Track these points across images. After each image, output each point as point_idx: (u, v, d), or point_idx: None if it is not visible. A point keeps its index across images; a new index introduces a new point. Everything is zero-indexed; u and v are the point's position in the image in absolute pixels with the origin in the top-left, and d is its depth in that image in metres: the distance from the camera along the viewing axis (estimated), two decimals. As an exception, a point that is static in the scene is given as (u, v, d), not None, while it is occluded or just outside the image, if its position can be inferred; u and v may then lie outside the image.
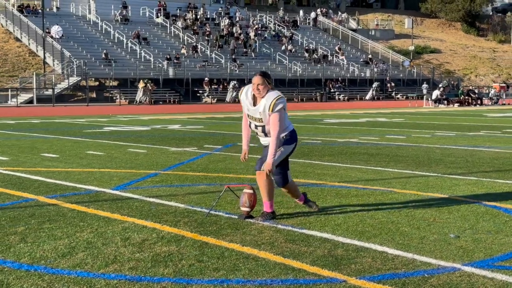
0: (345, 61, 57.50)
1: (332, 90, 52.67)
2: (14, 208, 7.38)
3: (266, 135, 6.83)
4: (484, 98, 45.69)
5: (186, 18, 58.45)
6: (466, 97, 43.44)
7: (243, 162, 7.73)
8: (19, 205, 7.60)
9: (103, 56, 47.05)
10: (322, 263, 5.19)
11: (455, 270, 5.04)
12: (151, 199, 7.92)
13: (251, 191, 6.84)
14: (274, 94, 6.59)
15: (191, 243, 5.81)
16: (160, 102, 44.39)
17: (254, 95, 6.72)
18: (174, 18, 57.65)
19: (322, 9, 70.24)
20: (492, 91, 48.89)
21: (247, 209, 6.82)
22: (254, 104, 6.73)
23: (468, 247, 5.70)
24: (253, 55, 54.75)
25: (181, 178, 9.76)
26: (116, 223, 6.62)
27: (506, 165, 11.24)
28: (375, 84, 53.48)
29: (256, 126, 6.85)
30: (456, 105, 41.78)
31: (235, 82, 47.40)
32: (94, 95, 44.99)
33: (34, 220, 6.73)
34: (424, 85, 52.13)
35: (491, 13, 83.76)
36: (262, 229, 6.33)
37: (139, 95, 43.70)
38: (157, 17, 57.51)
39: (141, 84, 43.61)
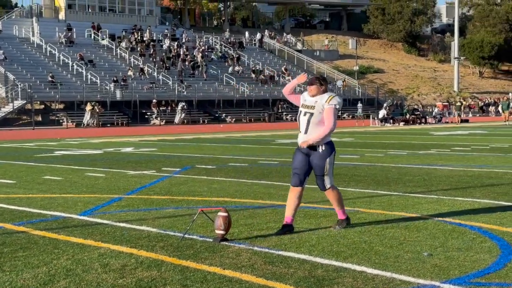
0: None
1: (280, 110, 53.10)
2: (-18, 237, 7.26)
3: (307, 129, 7.25)
4: (428, 117, 46.75)
5: (132, 39, 58.22)
6: (411, 116, 44.38)
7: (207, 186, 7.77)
8: (-13, 233, 7.47)
9: (49, 78, 46.43)
10: (306, 284, 5.27)
11: None
12: (122, 224, 7.89)
13: (225, 214, 6.89)
14: (331, 93, 7.40)
15: (172, 268, 5.83)
16: (108, 125, 44.00)
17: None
18: (119, 40, 57.35)
19: (270, 32, 70.79)
20: (436, 110, 50.08)
21: (222, 232, 6.87)
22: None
23: (443, 264, 5.87)
24: (200, 76, 54.84)
25: (147, 202, 9.74)
26: (91, 249, 6.58)
27: (462, 182, 11.57)
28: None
29: (305, 113, 7.30)
30: (401, 123, 42.62)
31: (184, 103, 47.37)
32: (39, 118, 44.29)
33: (7, 249, 6.64)
34: (359, 105, 53.04)
35: (430, 34, 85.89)
36: (240, 252, 6.39)
37: (87, 118, 43.25)
38: (102, 39, 57.11)
39: (88, 107, 43.18)
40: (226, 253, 6.36)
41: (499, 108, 47.42)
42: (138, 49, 56.36)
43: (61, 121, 43.70)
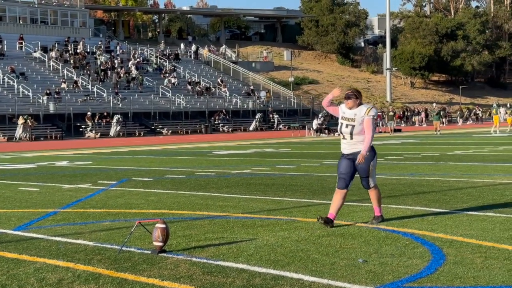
0: (228, 93, 58.29)
1: (216, 122, 53.17)
2: None
3: (351, 137, 8.21)
4: (362, 127, 47.46)
5: (65, 52, 57.37)
6: (346, 126, 45.01)
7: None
8: None
9: (-21, 92, 45.32)
10: (244, 293, 5.33)
11: (369, 293, 5.33)
12: (57, 238, 7.80)
13: (163, 225, 6.89)
14: (368, 104, 8.37)
15: (110, 280, 5.80)
16: (41, 138, 43.19)
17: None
18: (52, 52, 56.43)
19: (209, 47, 70.66)
20: (369, 120, 50.91)
21: (160, 244, 6.87)
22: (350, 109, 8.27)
23: (377, 270, 6.02)
24: (136, 89, 54.44)
25: (83, 215, 9.64)
26: (26, 264, 6.49)
27: (395, 190, 11.85)
28: (258, 115, 54.46)
29: (346, 125, 8.26)
30: (336, 134, 43.21)
31: (119, 116, 46.91)
32: (-31, 132, 43.15)
33: None
34: (276, 116, 53.76)
35: (363, 45, 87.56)
36: (178, 263, 6.41)
37: (19, 131, 42.36)
38: (35, 51, 56.10)
39: (20, 120, 42.31)
40: (164, 264, 6.37)
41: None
42: (72, 61, 55.58)
43: (-8, 135, 42.67)
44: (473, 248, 6.83)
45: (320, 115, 47.11)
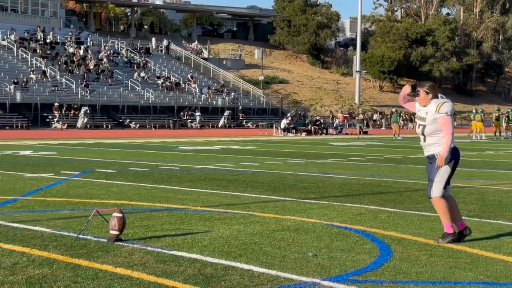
0: (197, 89, 58.31)
1: (185, 118, 53.16)
2: None
3: (425, 138, 7.34)
4: (329, 128, 47.96)
5: (34, 41, 56.86)
6: (313, 127, 45.43)
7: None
8: None
9: None
10: (194, 281, 5.50)
11: (315, 285, 5.53)
12: (15, 224, 7.88)
13: (120, 214, 7.02)
14: (440, 99, 7.31)
15: (64, 266, 5.92)
16: (7, 128, 42.79)
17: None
18: (21, 41, 55.90)
19: (190, 46, 70.28)
20: (336, 121, 51.45)
21: (116, 233, 7.00)
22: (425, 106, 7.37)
23: (325, 264, 6.23)
24: (105, 81, 54.18)
25: (43, 203, 9.71)
26: (-18, 248, 6.57)
27: (353, 190, 12.10)
28: (226, 112, 54.58)
29: (419, 125, 7.38)
30: (303, 134, 43.56)
31: (87, 108, 46.67)
32: None
33: None
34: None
35: (334, 47, 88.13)
36: (133, 251, 6.54)
37: (-16, 119, 41.92)
38: (3, 39, 55.52)
39: (-14, 108, 41.87)
40: (119, 252, 6.50)
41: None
42: (41, 51, 55.09)
43: (-44, 122, 42.19)
44: (420, 246, 7.07)
45: (288, 115, 47.40)
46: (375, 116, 65.80)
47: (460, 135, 39.81)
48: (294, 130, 43.60)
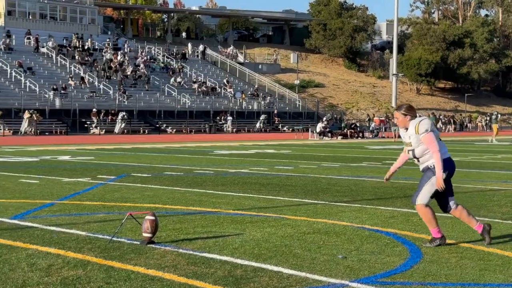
0: (233, 93, 58.57)
1: (221, 122, 53.43)
2: None
3: (418, 159, 7.28)
4: (365, 131, 47.76)
5: (73, 48, 57.75)
6: (349, 130, 45.30)
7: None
8: None
9: (-14, 85, 45.73)
10: (223, 283, 5.59)
11: (343, 286, 5.58)
12: (52, 228, 8.06)
13: (152, 217, 7.15)
14: (417, 119, 7.23)
15: (97, 267, 6.06)
16: (46, 133, 43.53)
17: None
18: (60, 48, 56.83)
19: (226, 51, 70.68)
20: (372, 125, 51.20)
21: (149, 235, 7.13)
22: (407, 129, 7.31)
23: (354, 266, 6.27)
24: (142, 87, 54.77)
25: (79, 207, 9.91)
26: (19, 250, 6.75)
27: (386, 193, 12.08)
28: (262, 117, 54.73)
29: (408, 151, 7.34)
30: (339, 137, 43.46)
31: (124, 113, 47.23)
32: (-25, 125, 43.51)
33: None
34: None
35: (370, 50, 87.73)
36: (165, 254, 6.66)
37: (24, 125, 42.71)
38: (43, 46, 56.51)
39: (26, 115, 42.67)
40: (151, 254, 6.63)
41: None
42: (79, 57, 55.94)
43: (-2, 128, 43.03)
44: (451, 249, 7.06)
45: (324, 119, 47.32)
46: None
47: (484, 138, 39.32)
48: (329, 134, 43.51)
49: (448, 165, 7.21)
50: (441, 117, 65.68)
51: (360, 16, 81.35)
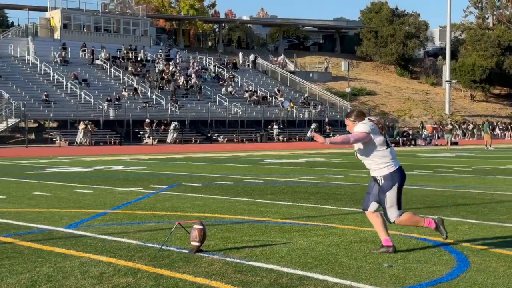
0: (281, 102, 58.66)
1: (272, 131, 53.60)
2: (-29, 246, 7.65)
3: (364, 162, 7.37)
4: (417, 139, 47.26)
5: (126, 59, 58.79)
6: (401, 138, 44.91)
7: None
8: (-25, 243, 7.87)
9: (44, 97, 46.89)
10: (269, 291, 5.69)
11: (389, 295, 5.61)
12: (104, 236, 8.29)
13: (200, 226, 7.30)
14: (361, 122, 7.29)
15: (147, 275, 6.23)
16: (101, 143, 44.39)
17: None
18: (114, 60, 57.92)
19: (276, 60, 71.00)
20: (425, 132, 50.64)
21: (197, 244, 7.28)
22: None
23: (400, 274, 6.29)
24: (194, 97, 55.38)
25: (130, 216, 10.15)
26: (72, 258, 6.98)
27: (436, 202, 12.00)
28: (313, 125, 54.68)
29: (355, 152, 7.43)
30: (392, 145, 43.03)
31: (176, 123, 47.83)
32: (33, 136, 44.68)
33: (-7, 257, 7.03)
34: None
35: (423, 57, 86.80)
36: (212, 262, 6.80)
37: (79, 136, 43.63)
38: (97, 58, 57.68)
39: (81, 126, 43.59)
40: (199, 262, 6.77)
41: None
42: (132, 69, 56.91)
43: (54, 139, 44.09)
44: (499, 258, 7.01)
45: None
46: (465, 126, 64.23)
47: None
48: (381, 142, 43.13)
49: (397, 178, 7.28)
50: (498, 123, 64.61)
51: (412, 23, 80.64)
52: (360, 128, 7.20)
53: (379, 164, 7.28)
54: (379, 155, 7.27)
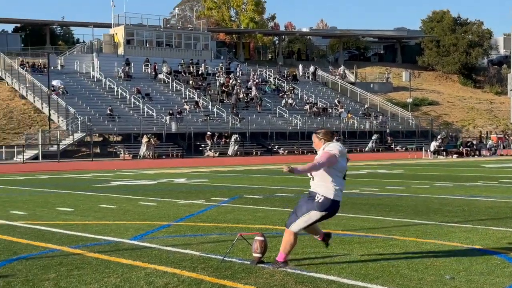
0: (339, 113, 58.49)
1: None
2: (42, 258, 7.96)
3: (313, 178, 7.35)
4: (482, 149, 46.40)
5: (187, 73, 59.65)
6: (465, 148, 44.17)
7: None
8: (46, 255, 8.18)
9: (108, 112, 47.98)
10: (330, 302, 5.76)
11: (450, 307, 5.61)
12: (168, 248, 8.50)
13: (262, 238, 7.42)
14: (328, 143, 7.30)
15: (210, 286, 6.39)
16: (163, 157, 45.09)
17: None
18: (175, 74, 58.85)
19: (336, 71, 70.95)
20: (490, 142, 49.65)
21: (259, 255, 7.41)
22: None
23: (462, 286, 6.28)
24: (254, 109, 55.74)
25: (193, 228, 10.35)
26: (138, 269, 7.20)
27: (500, 213, 11.83)
28: (374, 136, 54.30)
29: None
30: (454, 156, 42.45)
31: (237, 135, 48.22)
32: (98, 150, 45.71)
33: (63, 268, 7.31)
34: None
35: (487, 66, 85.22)
36: (274, 273, 6.91)
37: (143, 149, 44.43)
38: (160, 73, 58.73)
39: (144, 139, 44.39)
40: (261, 274, 6.89)
41: None
42: (193, 82, 57.68)
43: (118, 152, 45.01)
44: None
45: (438, 137, 46.38)
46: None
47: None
48: (444, 153, 42.59)
49: (331, 208, 7.23)
50: None
51: (475, 31, 79.33)
52: (331, 147, 7.16)
53: (328, 187, 7.17)
54: (334, 180, 7.17)
